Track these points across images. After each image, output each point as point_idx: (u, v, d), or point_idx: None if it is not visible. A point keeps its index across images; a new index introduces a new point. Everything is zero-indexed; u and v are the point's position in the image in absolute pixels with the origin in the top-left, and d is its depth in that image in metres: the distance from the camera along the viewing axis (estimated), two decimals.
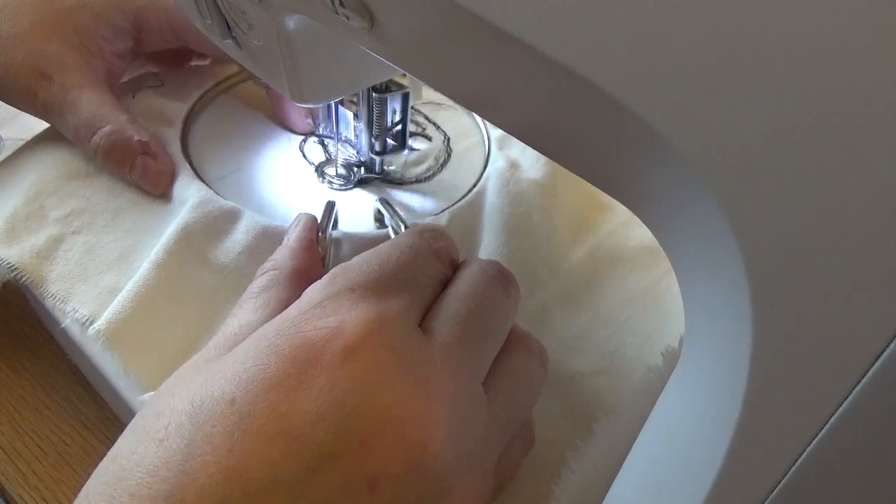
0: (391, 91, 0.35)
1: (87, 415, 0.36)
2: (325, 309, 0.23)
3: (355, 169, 0.39)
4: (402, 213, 0.34)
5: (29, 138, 0.40)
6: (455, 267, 0.28)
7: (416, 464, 0.21)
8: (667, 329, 0.34)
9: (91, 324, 0.31)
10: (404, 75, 0.35)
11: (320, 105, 0.39)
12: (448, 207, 0.37)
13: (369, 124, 0.37)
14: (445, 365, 0.23)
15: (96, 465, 0.22)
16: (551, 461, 0.27)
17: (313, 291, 0.24)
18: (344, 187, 0.39)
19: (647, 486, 0.18)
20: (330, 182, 0.39)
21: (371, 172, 0.39)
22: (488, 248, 0.35)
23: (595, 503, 0.22)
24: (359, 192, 0.39)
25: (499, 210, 0.36)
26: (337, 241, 0.33)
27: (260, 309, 0.26)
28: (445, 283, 0.27)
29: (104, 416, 0.36)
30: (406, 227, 0.33)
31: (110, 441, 0.35)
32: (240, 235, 0.34)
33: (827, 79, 0.12)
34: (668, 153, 0.14)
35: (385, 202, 0.35)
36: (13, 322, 0.40)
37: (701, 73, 0.13)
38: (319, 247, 0.30)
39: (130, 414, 0.31)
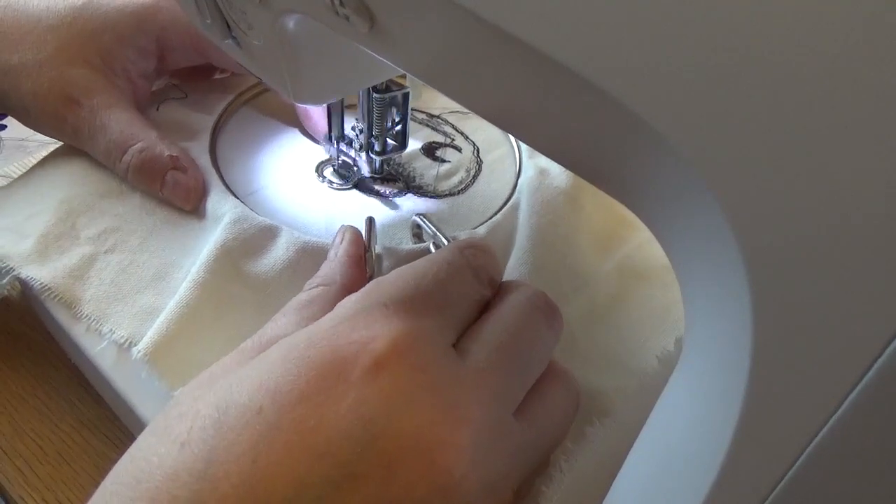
0: (391, 91, 0.35)
1: (87, 415, 0.36)
2: (356, 323, 0.23)
3: (354, 169, 0.39)
4: (441, 228, 0.34)
5: (28, 138, 0.40)
6: (495, 286, 0.27)
7: (441, 490, 0.20)
8: None
9: (130, 345, 0.30)
10: (404, 75, 0.35)
11: (322, 105, 0.39)
12: (484, 221, 0.36)
13: (369, 124, 0.37)
14: (477, 391, 0.22)
15: (96, 465, 0.21)
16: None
17: (346, 305, 0.24)
18: (343, 187, 0.39)
19: (646, 486, 0.18)
20: (330, 182, 0.39)
21: (371, 173, 0.39)
22: (514, 256, 0.35)
23: None
24: (393, 207, 0.38)
25: (527, 218, 0.36)
26: (378, 257, 0.33)
27: (302, 322, 0.25)
28: (484, 304, 0.26)
29: (104, 416, 0.36)
30: (448, 241, 0.32)
31: (110, 441, 0.35)
32: (280, 252, 0.33)
33: (827, 78, 0.12)
34: (669, 153, 0.14)
35: (423, 217, 0.34)
36: (13, 322, 0.40)
37: (701, 73, 0.13)
38: (367, 265, 0.30)
39: (132, 415, 0.31)
